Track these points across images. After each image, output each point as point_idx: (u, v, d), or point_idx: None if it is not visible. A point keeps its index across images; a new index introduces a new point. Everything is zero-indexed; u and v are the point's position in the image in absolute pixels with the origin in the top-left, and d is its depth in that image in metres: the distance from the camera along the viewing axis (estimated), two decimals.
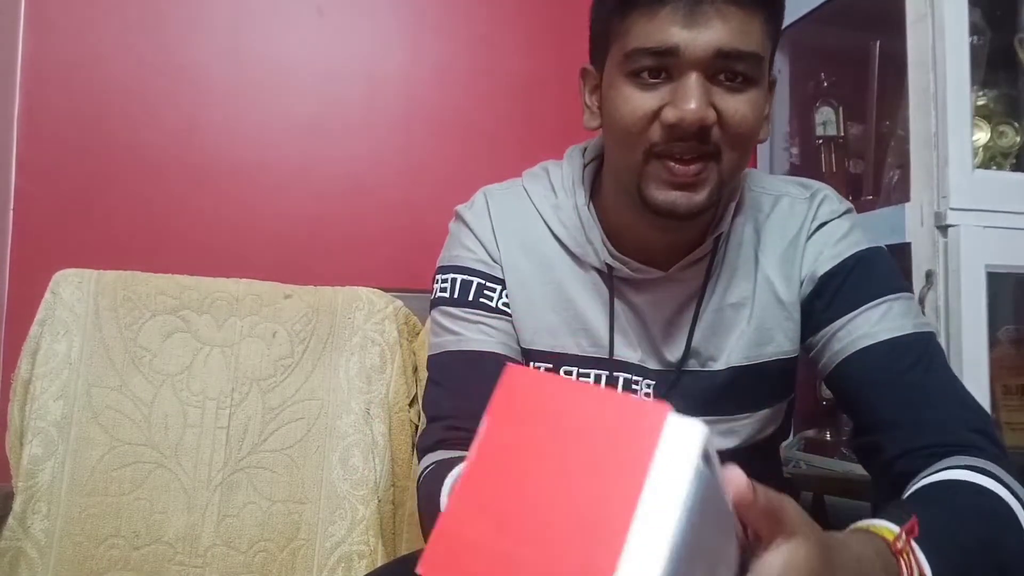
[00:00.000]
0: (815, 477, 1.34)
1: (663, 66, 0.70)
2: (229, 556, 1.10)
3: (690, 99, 0.68)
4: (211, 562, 1.09)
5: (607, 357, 0.81)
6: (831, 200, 0.84)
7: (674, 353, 0.81)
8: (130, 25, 1.48)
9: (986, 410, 0.75)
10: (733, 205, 0.81)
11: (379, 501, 1.15)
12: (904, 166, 1.25)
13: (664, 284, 0.80)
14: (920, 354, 0.75)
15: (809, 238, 0.82)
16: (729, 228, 0.81)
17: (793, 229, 0.82)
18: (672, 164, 0.70)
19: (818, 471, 1.38)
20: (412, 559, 0.74)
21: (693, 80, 0.68)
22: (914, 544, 0.57)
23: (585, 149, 0.87)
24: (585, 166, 0.85)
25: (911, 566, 0.56)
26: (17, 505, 1.08)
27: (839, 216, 0.83)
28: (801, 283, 0.81)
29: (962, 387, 0.75)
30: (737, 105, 0.70)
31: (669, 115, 0.69)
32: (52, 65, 1.44)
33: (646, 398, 0.81)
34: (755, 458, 0.86)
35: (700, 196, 0.71)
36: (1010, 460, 0.69)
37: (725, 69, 0.69)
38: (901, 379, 0.74)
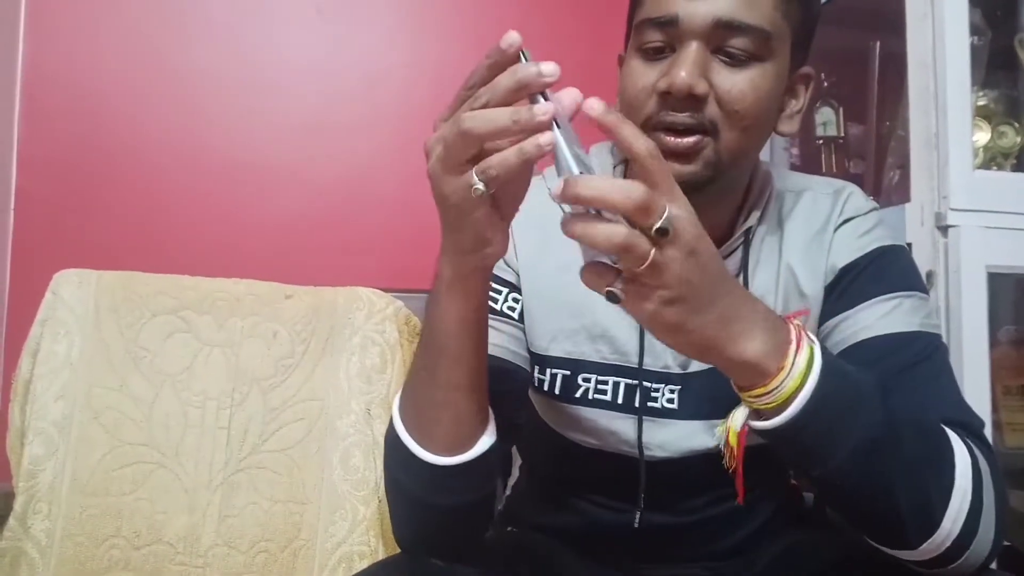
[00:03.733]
0: None
1: (666, 38, 0.70)
2: (230, 556, 1.10)
3: (681, 67, 0.67)
4: (212, 562, 1.09)
5: (629, 365, 0.80)
6: (857, 197, 0.84)
7: None
8: (130, 25, 1.48)
9: (981, 418, 0.74)
10: (763, 201, 0.81)
11: (380, 501, 1.15)
12: (904, 166, 1.25)
13: None
14: (920, 352, 0.73)
15: (836, 231, 0.81)
16: (756, 223, 0.80)
17: (818, 222, 0.81)
18: (665, 136, 0.69)
19: None
20: (407, 557, 0.74)
21: (691, 49, 0.68)
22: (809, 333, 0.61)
23: (613, 146, 0.85)
24: (615, 166, 0.83)
25: (800, 334, 0.59)
26: (18, 505, 1.08)
27: (865, 213, 0.82)
28: (825, 275, 0.80)
29: (959, 393, 0.74)
30: (734, 80, 0.69)
31: (661, 83, 0.69)
32: (52, 65, 1.44)
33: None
34: (773, 459, 0.85)
35: (694, 166, 0.70)
36: (999, 464, 0.68)
37: (725, 42, 0.68)
38: (896, 375, 0.71)
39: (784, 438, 0.60)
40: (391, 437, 0.72)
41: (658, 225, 0.51)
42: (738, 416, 0.61)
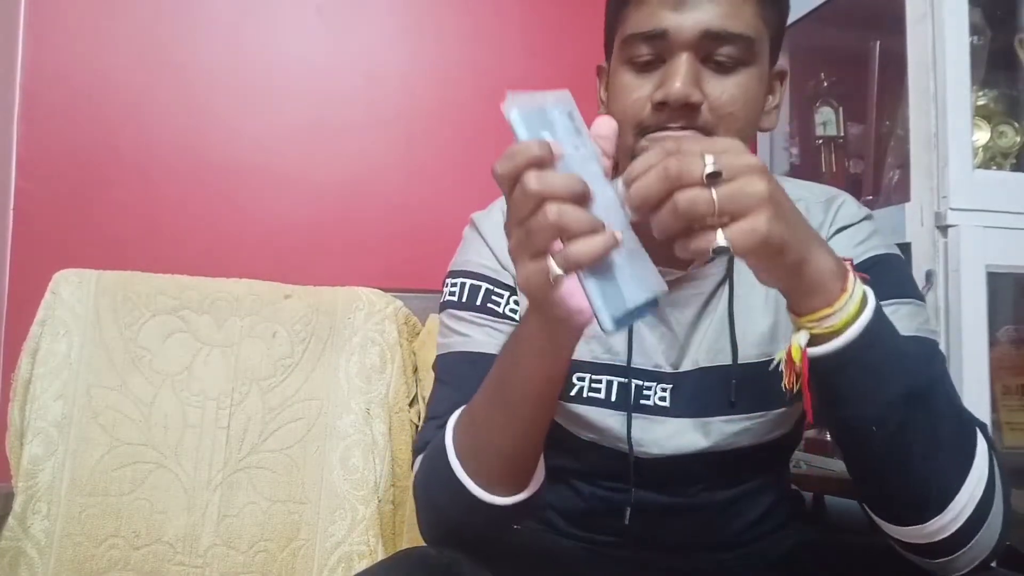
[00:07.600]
0: (815, 477, 1.34)
1: (656, 50, 0.73)
2: (229, 556, 1.10)
3: (675, 78, 0.71)
4: (211, 562, 1.09)
5: (620, 364, 0.81)
6: (850, 205, 0.85)
7: (696, 352, 0.81)
8: (130, 25, 1.48)
9: (982, 420, 0.73)
10: None
11: (379, 501, 1.15)
12: (904, 166, 1.25)
13: (684, 283, 0.81)
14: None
15: (828, 241, 0.80)
16: None
17: None
18: None
19: (818, 471, 1.38)
20: (405, 556, 0.74)
21: (682, 60, 0.71)
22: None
23: None
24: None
25: (853, 282, 0.59)
26: (17, 505, 1.08)
27: (858, 221, 0.83)
28: None
29: (960, 399, 0.73)
30: (725, 87, 0.72)
31: (657, 95, 0.72)
32: (52, 65, 1.44)
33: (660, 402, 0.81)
34: (764, 461, 0.85)
35: None
36: (1003, 465, 0.67)
37: (714, 51, 0.72)
38: None
39: (840, 363, 0.59)
40: (443, 471, 0.71)
41: (709, 170, 0.52)
42: (801, 336, 0.61)
